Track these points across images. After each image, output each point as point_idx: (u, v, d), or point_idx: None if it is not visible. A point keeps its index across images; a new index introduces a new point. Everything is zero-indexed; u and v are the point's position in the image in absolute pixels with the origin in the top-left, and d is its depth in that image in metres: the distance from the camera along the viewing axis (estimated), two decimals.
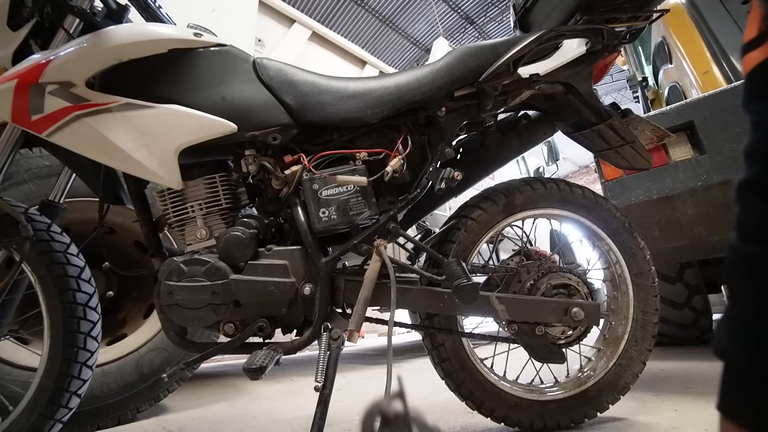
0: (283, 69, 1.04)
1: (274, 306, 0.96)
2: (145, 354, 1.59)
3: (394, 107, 1.02)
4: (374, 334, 5.80)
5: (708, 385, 1.55)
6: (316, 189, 0.98)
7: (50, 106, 0.93)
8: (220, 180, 1.03)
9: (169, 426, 1.48)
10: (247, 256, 0.97)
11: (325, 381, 0.87)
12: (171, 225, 1.03)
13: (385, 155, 1.03)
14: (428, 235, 1.22)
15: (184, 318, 0.95)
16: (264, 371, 0.86)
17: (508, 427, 1.15)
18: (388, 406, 0.36)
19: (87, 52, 0.94)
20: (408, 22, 10.14)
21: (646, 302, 1.17)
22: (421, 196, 1.02)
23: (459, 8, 10.07)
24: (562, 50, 1.07)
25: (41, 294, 1.08)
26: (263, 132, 0.98)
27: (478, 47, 1.04)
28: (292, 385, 2.24)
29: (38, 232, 1.08)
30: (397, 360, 3.16)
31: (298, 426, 1.39)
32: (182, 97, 0.97)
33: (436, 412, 1.45)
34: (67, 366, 1.06)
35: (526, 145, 1.21)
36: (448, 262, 1.02)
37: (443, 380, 1.15)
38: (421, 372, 1.16)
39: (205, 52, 1.00)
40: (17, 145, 1.06)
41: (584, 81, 1.09)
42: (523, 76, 1.04)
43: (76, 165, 1.13)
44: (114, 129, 0.94)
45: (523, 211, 1.15)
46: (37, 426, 1.03)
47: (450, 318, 1.11)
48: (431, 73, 1.03)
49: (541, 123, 1.21)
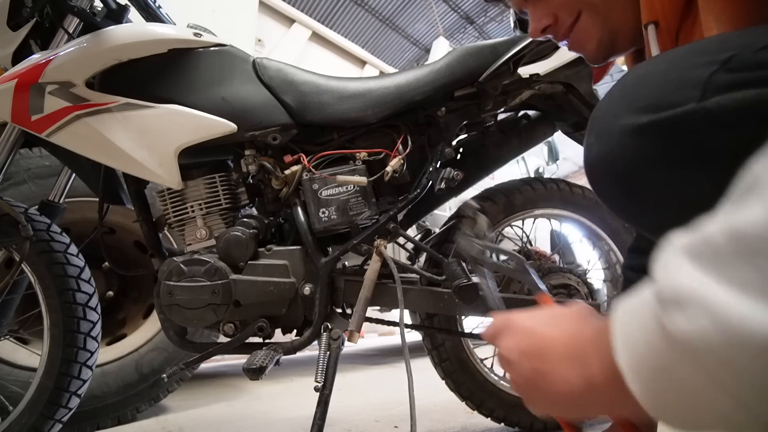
0: (283, 69, 1.04)
1: (274, 306, 0.96)
2: (145, 354, 1.59)
3: (394, 107, 1.02)
4: (374, 334, 5.80)
5: None
6: (316, 189, 0.98)
7: (50, 106, 0.93)
8: (220, 180, 1.03)
9: (169, 426, 1.48)
10: (247, 256, 0.96)
11: (325, 381, 0.87)
12: (171, 225, 1.03)
13: (385, 155, 1.03)
14: (428, 235, 1.21)
15: (184, 318, 0.95)
16: (264, 371, 0.86)
17: (508, 427, 1.15)
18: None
19: (87, 52, 0.94)
20: (408, 22, 10.14)
21: None
22: (421, 196, 1.02)
23: (459, 8, 10.06)
24: (562, 50, 1.07)
25: (41, 294, 1.08)
26: (263, 132, 0.98)
27: (478, 47, 1.04)
28: (292, 385, 2.24)
29: (38, 232, 1.08)
30: (396, 360, 3.16)
31: (298, 426, 1.39)
32: (182, 97, 0.97)
33: (436, 412, 1.45)
34: (67, 366, 1.05)
35: (526, 145, 1.21)
36: (448, 262, 1.02)
37: (443, 380, 1.15)
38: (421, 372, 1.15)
39: (205, 52, 1.00)
40: (17, 145, 1.06)
41: (584, 81, 1.09)
42: (523, 76, 1.04)
43: (76, 165, 1.12)
44: (114, 129, 0.94)
45: (523, 211, 1.15)
46: (37, 426, 1.03)
47: (450, 318, 1.11)
48: (431, 73, 1.03)
49: (541, 123, 1.21)
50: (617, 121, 0.37)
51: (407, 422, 0.82)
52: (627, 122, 0.36)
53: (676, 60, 0.36)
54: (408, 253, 1.13)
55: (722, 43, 0.34)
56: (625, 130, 0.36)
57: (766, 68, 0.31)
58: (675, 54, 0.37)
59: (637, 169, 0.36)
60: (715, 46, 0.34)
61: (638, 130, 0.35)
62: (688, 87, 0.33)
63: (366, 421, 1.40)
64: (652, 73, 0.36)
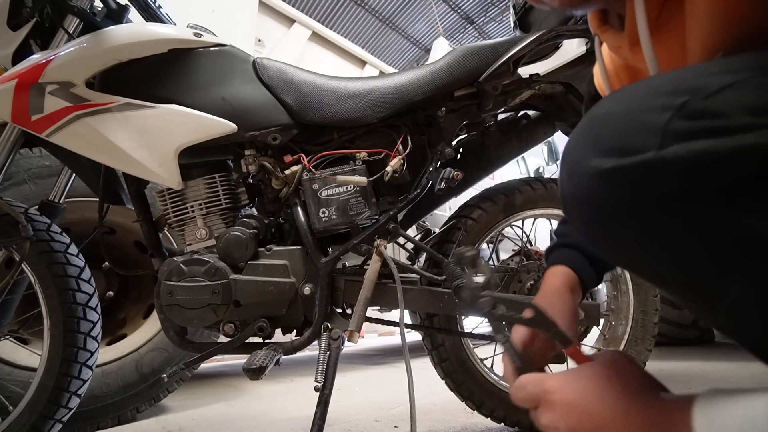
0: (283, 69, 1.04)
1: (274, 306, 0.96)
2: (145, 354, 1.59)
3: (394, 107, 1.02)
4: (374, 334, 5.80)
5: (708, 384, 1.55)
6: (316, 189, 0.98)
7: (50, 106, 0.93)
8: (220, 180, 1.03)
9: (169, 426, 1.48)
10: (247, 256, 0.96)
11: (325, 381, 0.87)
12: (171, 225, 1.03)
13: (385, 155, 1.03)
14: (428, 235, 1.21)
15: (184, 318, 0.95)
16: (264, 371, 0.86)
17: (508, 427, 1.15)
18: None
19: (87, 52, 0.94)
20: (408, 22, 10.14)
21: (646, 302, 1.17)
22: (421, 196, 1.02)
23: (459, 8, 10.07)
24: (562, 50, 1.07)
25: (41, 294, 1.08)
26: (263, 132, 0.98)
27: (478, 47, 1.04)
28: (292, 385, 2.24)
29: (38, 232, 1.08)
30: (396, 360, 3.16)
31: (298, 426, 1.39)
32: (182, 97, 0.97)
33: (436, 412, 1.45)
34: (67, 366, 1.05)
35: (526, 145, 1.21)
36: (448, 262, 1.02)
37: (443, 380, 1.15)
38: (421, 372, 1.16)
39: (205, 52, 1.00)
40: (17, 145, 1.06)
41: (584, 81, 1.09)
42: (523, 76, 1.05)
43: (76, 165, 1.12)
44: (114, 129, 0.94)
45: (523, 211, 1.15)
46: (37, 426, 1.03)
47: (450, 318, 1.11)
48: (431, 73, 1.03)
49: (541, 123, 1.21)
50: (585, 162, 0.37)
51: (407, 422, 0.82)
52: (594, 165, 0.36)
53: (635, 99, 0.37)
54: (408, 253, 1.13)
55: (678, 83, 0.34)
56: (593, 173, 0.37)
57: (717, 118, 0.31)
58: (635, 91, 0.38)
59: (606, 211, 0.37)
60: (671, 87, 0.34)
61: (604, 174, 0.36)
62: (648, 132, 0.33)
63: (366, 421, 1.40)
64: (615, 113, 0.37)
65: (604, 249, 0.42)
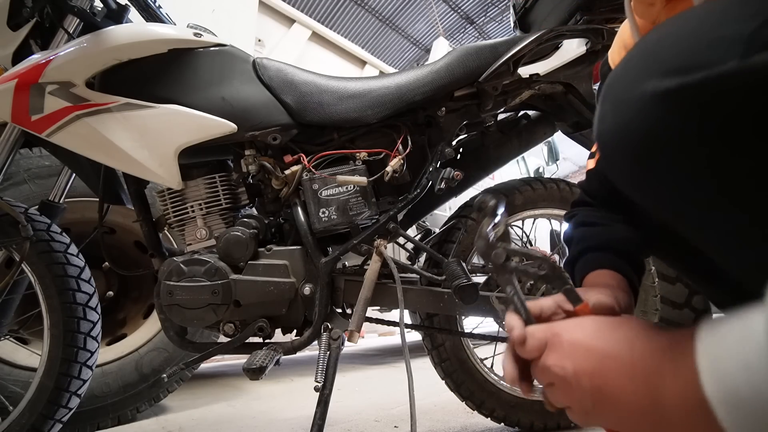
0: (283, 69, 1.04)
1: (274, 306, 0.96)
2: (145, 354, 1.59)
3: (394, 107, 1.02)
4: (374, 334, 5.80)
5: None
6: (316, 189, 0.98)
7: (50, 106, 0.93)
8: (220, 180, 1.03)
9: (169, 426, 1.48)
10: (247, 256, 0.96)
11: (325, 381, 0.87)
12: (171, 225, 1.03)
13: (385, 155, 1.03)
14: (428, 235, 1.21)
15: (184, 318, 0.95)
16: (264, 371, 0.86)
17: (508, 427, 1.15)
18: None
19: (87, 52, 0.94)
20: (408, 22, 10.14)
21: (646, 302, 1.17)
22: (421, 196, 1.02)
23: (459, 8, 10.06)
24: (562, 50, 1.07)
25: (41, 294, 1.08)
26: (263, 132, 0.98)
27: (478, 47, 1.04)
28: (292, 385, 2.24)
29: (38, 232, 1.08)
30: (396, 360, 3.16)
31: (298, 426, 1.39)
32: (182, 97, 0.97)
33: (436, 412, 1.45)
34: (67, 366, 1.05)
35: (526, 145, 1.21)
36: (448, 262, 1.02)
37: (443, 380, 1.15)
38: (421, 372, 1.16)
39: (205, 52, 1.00)
40: (17, 145, 1.06)
41: (584, 81, 1.09)
42: (523, 76, 1.05)
43: (76, 165, 1.13)
44: (114, 129, 0.94)
45: (523, 211, 1.15)
46: (37, 426, 1.03)
47: (450, 318, 1.11)
48: (431, 73, 1.03)
49: (541, 123, 1.21)
50: (638, 86, 0.31)
51: (407, 422, 0.82)
52: (650, 87, 0.30)
53: (709, 14, 0.30)
54: (408, 253, 1.13)
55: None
56: (648, 97, 0.30)
57: None
58: (707, 8, 0.31)
59: (662, 142, 0.31)
60: (752, 2, 0.28)
61: (664, 96, 0.30)
62: (727, 43, 0.27)
63: (366, 421, 1.40)
64: (681, 31, 0.31)
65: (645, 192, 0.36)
